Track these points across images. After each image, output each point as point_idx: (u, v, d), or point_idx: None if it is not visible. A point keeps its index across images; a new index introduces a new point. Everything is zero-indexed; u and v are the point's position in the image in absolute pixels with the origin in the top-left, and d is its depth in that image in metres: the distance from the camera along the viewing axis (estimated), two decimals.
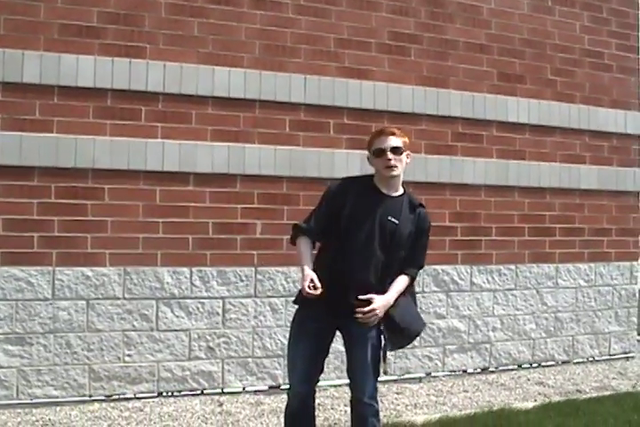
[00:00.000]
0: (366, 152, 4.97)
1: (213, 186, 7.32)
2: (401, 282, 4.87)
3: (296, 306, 4.97)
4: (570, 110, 9.07)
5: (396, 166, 4.81)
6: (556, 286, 8.98)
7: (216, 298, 7.34)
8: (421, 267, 5.06)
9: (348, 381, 4.99)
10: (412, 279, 4.97)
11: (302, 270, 4.76)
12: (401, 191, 4.94)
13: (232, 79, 7.39)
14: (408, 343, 5.05)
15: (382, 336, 4.86)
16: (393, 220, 4.80)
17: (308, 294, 4.58)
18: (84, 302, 6.90)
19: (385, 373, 4.96)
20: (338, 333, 4.95)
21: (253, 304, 7.46)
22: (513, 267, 8.71)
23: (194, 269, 7.26)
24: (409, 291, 4.98)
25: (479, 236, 8.53)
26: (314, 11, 7.74)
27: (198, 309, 7.27)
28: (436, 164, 8.27)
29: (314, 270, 4.70)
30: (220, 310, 7.36)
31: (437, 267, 8.25)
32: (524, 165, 8.77)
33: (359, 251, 4.75)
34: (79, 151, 6.85)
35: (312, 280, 4.61)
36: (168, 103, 7.18)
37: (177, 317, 7.20)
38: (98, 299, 6.93)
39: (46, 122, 6.78)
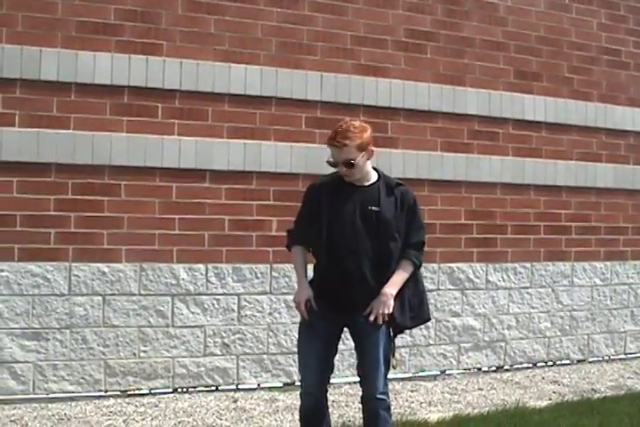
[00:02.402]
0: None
1: (229, 183, 7.34)
2: (401, 270, 4.84)
3: None
4: (586, 108, 9.04)
5: (350, 175, 4.80)
6: (571, 285, 8.96)
7: (231, 295, 7.36)
8: (421, 245, 4.96)
9: None
10: (414, 264, 4.90)
11: (298, 284, 4.93)
12: (375, 177, 4.91)
13: (248, 76, 7.40)
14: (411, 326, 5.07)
15: (390, 329, 4.88)
16: (373, 208, 4.78)
17: (302, 314, 4.82)
18: (99, 298, 6.93)
19: (394, 367, 4.96)
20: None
21: (269, 301, 7.47)
22: (528, 265, 8.70)
23: (209, 266, 7.28)
24: (413, 278, 4.94)
25: (495, 234, 8.51)
26: (330, 8, 7.75)
27: (214, 305, 7.29)
28: (452, 161, 8.26)
29: (313, 269, 4.89)
30: (235, 307, 7.38)
31: (453, 265, 8.25)
32: (540, 163, 8.75)
33: (348, 247, 4.75)
34: (96, 148, 6.88)
35: (308, 300, 4.80)
36: (185, 100, 7.20)
37: (192, 313, 7.22)
38: (114, 295, 6.96)
39: (63, 119, 6.81)
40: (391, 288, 4.77)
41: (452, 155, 8.28)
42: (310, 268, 4.94)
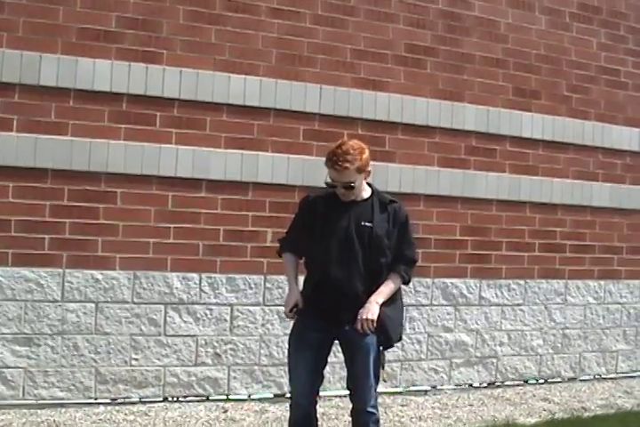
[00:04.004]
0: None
1: (225, 193, 7.34)
2: (389, 281, 4.86)
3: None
4: (584, 127, 9.07)
5: (347, 196, 4.84)
6: (564, 303, 8.96)
7: (224, 305, 7.35)
8: (412, 262, 5.02)
9: None
10: (402, 278, 4.93)
11: (289, 289, 4.96)
12: (368, 193, 4.94)
13: (248, 87, 7.41)
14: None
15: (379, 341, 4.87)
16: (367, 224, 4.81)
17: (288, 316, 4.90)
18: (92, 305, 6.91)
19: (385, 380, 4.97)
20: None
21: (261, 312, 7.46)
22: (522, 282, 8.70)
23: (203, 276, 7.27)
24: (399, 294, 4.99)
25: (489, 250, 8.52)
26: (331, 21, 7.77)
27: (206, 315, 7.28)
28: (449, 177, 8.27)
29: (304, 282, 4.94)
30: (227, 317, 7.37)
31: (446, 280, 8.25)
32: (536, 181, 8.77)
33: (340, 261, 4.78)
34: (93, 155, 6.87)
35: (296, 304, 4.85)
36: (183, 109, 7.21)
37: (185, 322, 7.21)
38: (107, 302, 6.95)
39: (61, 125, 6.80)
40: (377, 297, 4.78)
41: (449, 170, 8.29)
42: (301, 279, 4.97)
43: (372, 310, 4.72)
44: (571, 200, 8.98)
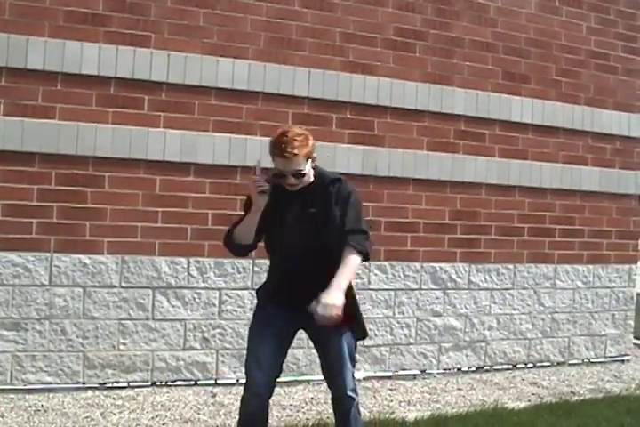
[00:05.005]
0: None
1: (214, 177, 7.32)
2: (345, 261, 4.51)
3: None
4: (574, 111, 9.05)
5: (297, 184, 4.66)
6: (553, 287, 8.97)
7: (213, 289, 7.34)
8: (359, 233, 4.62)
9: None
10: (355, 249, 4.54)
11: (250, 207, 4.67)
12: (311, 178, 4.73)
13: (236, 70, 7.38)
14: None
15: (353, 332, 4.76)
16: (311, 210, 4.66)
17: (257, 184, 4.55)
18: (80, 290, 6.89)
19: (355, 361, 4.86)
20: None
21: (250, 296, 7.43)
22: (511, 266, 8.70)
23: (191, 260, 7.25)
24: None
25: (478, 234, 8.51)
26: (320, 4, 7.72)
27: (194, 299, 7.27)
28: (438, 161, 8.25)
29: (268, 275, 4.96)
30: (216, 302, 7.35)
31: (435, 264, 8.25)
32: (525, 165, 8.76)
33: (292, 249, 4.67)
34: (81, 138, 6.84)
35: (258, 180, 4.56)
36: (171, 93, 7.17)
37: (173, 307, 7.19)
38: (94, 287, 6.93)
39: (49, 108, 6.77)
40: (338, 279, 4.46)
41: (438, 154, 8.27)
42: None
43: (331, 294, 4.38)
44: (560, 184, 8.97)
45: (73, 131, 6.82)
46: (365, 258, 4.64)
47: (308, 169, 4.65)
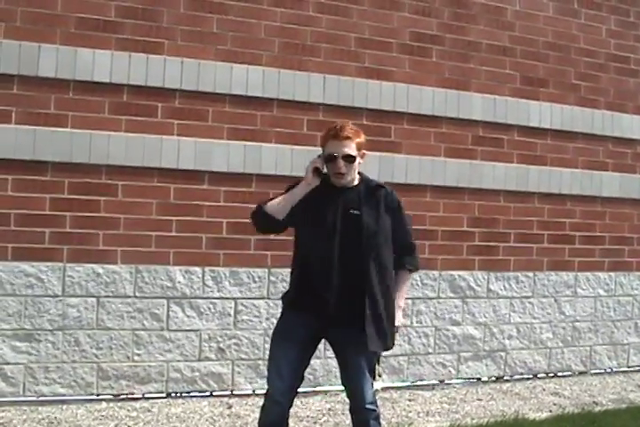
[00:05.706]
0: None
1: (228, 185, 7.24)
2: (401, 282, 4.84)
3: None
4: (593, 116, 8.93)
5: (345, 174, 4.63)
6: (574, 295, 8.84)
7: (228, 299, 7.25)
8: (413, 251, 4.88)
9: None
10: (410, 271, 4.89)
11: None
12: (357, 180, 4.75)
13: (250, 77, 7.30)
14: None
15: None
16: (354, 211, 4.61)
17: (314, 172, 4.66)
18: (94, 300, 6.82)
19: (380, 375, 4.83)
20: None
21: (266, 306, 7.36)
22: (531, 274, 8.58)
23: (206, 269, 7.18)
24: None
25: (497, 242, 8.40)
26: (335, 9, 7.65)
27: (210, 309, 7.19)
28: (456, 167, 8.16)
29: (294, 280, 4.79)
30: (231, 311, 7.27)
31: (454, 272, 8.14)
32: (544, 171, 8.64)
33: (328, 249, 4.57)
34: (93, 147, 6.78)
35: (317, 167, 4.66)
36: (185, 100, 7.10)
37: (188, 317, 7.11)
38: (108, 297, 6.86)
39: (61, 116, 6.72)
40: (400, 300, 4.79)
41: (456, 161, 8.17)
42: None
43: (398, 317, 4.75)
44: (580, 190, 8.85)
45: (86, 139, 6.75)
46: (414, 272, 4.99)
47: (357, 160, 4.65)
